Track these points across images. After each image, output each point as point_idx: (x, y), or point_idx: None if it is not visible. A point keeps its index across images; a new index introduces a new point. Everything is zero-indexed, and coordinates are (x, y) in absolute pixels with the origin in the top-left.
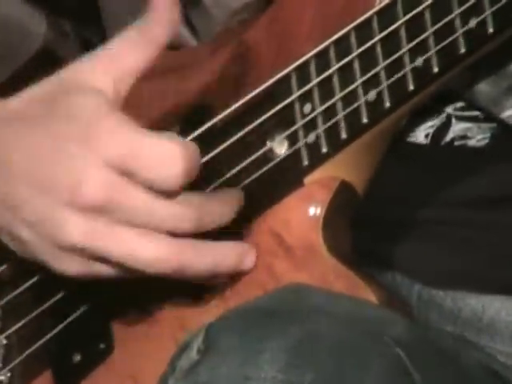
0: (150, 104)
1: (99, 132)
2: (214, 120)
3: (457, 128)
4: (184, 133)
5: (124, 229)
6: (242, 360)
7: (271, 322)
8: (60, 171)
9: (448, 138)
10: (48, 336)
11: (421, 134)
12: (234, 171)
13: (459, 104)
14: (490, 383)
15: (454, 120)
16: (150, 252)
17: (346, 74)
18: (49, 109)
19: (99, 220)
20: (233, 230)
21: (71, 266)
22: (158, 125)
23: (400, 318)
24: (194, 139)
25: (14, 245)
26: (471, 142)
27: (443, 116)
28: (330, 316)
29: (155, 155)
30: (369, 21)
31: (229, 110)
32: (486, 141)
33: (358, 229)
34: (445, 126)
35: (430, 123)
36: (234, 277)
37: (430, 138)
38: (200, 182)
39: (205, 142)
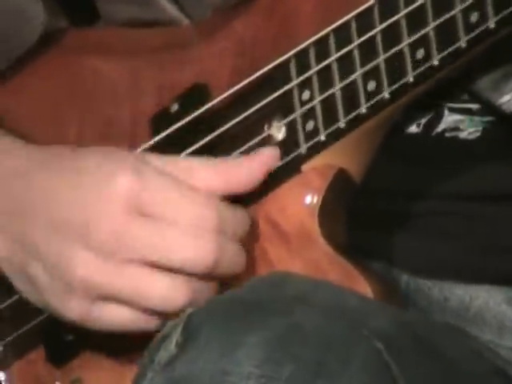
0: (147, 81)
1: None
2: (212, 103)
3: (449, 119)
4: (183, 111)
5: (134, 266)
6: (221, 354)
7: (252, 314)
8: (75, 211)
9: (439, 128)
10: (42, 315)
11: (413, 124)
12: (231, 156)
13: (454, 95)
14: (480, 374)
15: (446, 111)
16: (161, 287)
17: (345, 63)
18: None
19: (109, 259)
20: None
21: (74, 308)
22: (156, 102)
23: (385, 308)
24: (192, 121)
25: (25, 287)
26: (462, 135)
27: (436, 106)
28: (311, 307)
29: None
30: (370, 10)
31: (227, 94)
32: (478, 134)
33: (347, 219)
34: (437, 117)
35: (423, 113)
36: None
37: (421, 127)
38: None
39: (203, 125)
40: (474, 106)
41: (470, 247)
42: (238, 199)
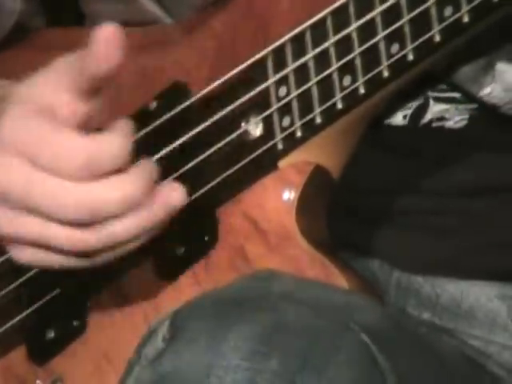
0: (127, 79)
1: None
2: (191, 100)
3: (435, 109)
4: (162, 109)
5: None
6: (206, 348)
7: (238, 310)
8: None
9: (426, 119)
10: (24, 313)
11: (399, 116)
12: (208, 152)
13: (438, 85)
14: (463, 367)
15: (431, 101)
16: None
17: (321, 58)
18: None
19: (7, 207)
20: (206, 213)
21: (21, 255)
22: (135, 101)
23: (371, 303)
24: (171, 119)
25: None
26: (449, 124)
27: (421, 97)
28: (297, 303)
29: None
30: (345, 6)
31: (205, 91)
32: (464, 122)
33: (337, 216)
34: (423, 107)
35: (408, 105)
36: (208, 260)
37: (408, 118)
38: (176, 162)
39: (182, 122)
40: (458, 95)
41: (462, 244)
42: (215, 195)
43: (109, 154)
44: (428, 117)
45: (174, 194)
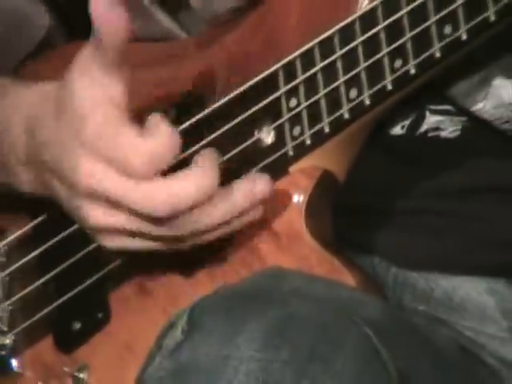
0: (145, 91)
1: (87, 124)
2: (205, 112)
3: (430, 120)
4: (179, 118)
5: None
6: (222, 340)
7: (251, 304)
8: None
9: (422, 129)
10: (51, 306)
11: (397, 126)
12: (223, 159)
13: (434, 98)
14: (459, 357)
15: (427, 113)
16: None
17: (329, 72)
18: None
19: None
20: None
21: (91, 215)
22: (153, 110)
23: (372, 299)
24: (187, 128)
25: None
26: (443, 134)
27: (418, 109)
28: (305, 298)
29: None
30: (352, 24)
31: (219, 103)
32: (458, 133)
33: (338, 215)
34: (419, 118)
35: (406, 116)
36: (222, 257)
37: (405, 128)
38: None
39: (196, 131)
40: (452, 108)
41: (455, 243)
42: None
43: (165, 148)
44: (424, 127)
45: (258, 185)
